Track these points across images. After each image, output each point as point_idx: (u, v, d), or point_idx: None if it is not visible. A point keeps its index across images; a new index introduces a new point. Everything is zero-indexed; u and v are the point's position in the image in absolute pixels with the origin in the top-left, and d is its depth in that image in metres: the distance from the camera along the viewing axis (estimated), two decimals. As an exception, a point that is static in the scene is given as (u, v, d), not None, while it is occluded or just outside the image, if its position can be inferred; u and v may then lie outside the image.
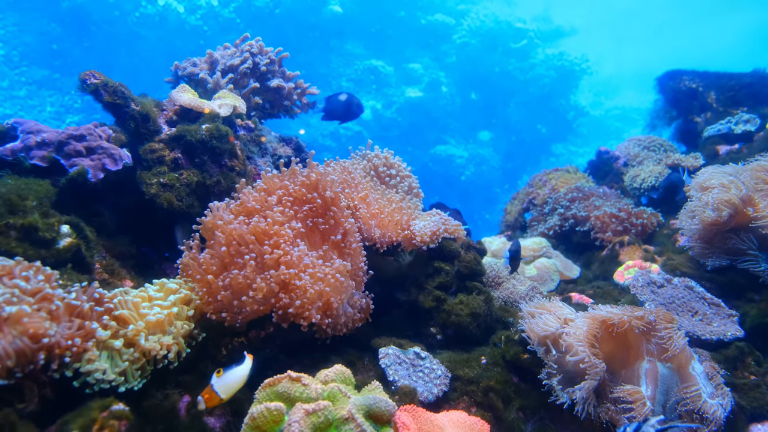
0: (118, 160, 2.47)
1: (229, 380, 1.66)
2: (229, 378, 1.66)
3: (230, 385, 1.66)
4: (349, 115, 3.15)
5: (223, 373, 1.66)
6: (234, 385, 1.67)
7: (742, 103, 4.38)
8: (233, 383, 1.67)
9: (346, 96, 3.07)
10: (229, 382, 1.66)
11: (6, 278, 1.60)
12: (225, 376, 1.65)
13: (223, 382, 1.65)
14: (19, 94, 13.29)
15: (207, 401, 1.63)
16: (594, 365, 1.87)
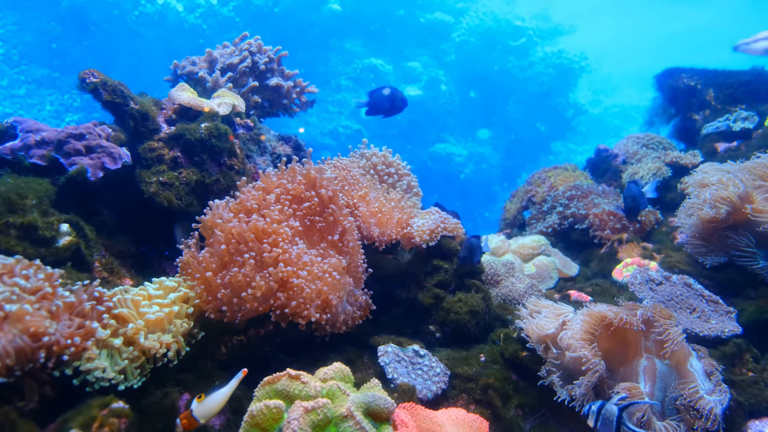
0: (117, 159, 2.47)
1: (209, 405, 1.61)
2: (209, 403, 1.61)
3: (210, 410, 1.62)
4: (393, 110, 3.09)
5: (204, 399, 1.61)
6: (213, 409, 1.63)
7: (741, 101, 4.38)
8: (213, 407, 1.62)
9: (389, 90, 3.02)
10: (208, 407, 1.61)
11: (6, 277, 1.60)
12: (205, 402, 1.61)
13: (202, 408, 1.61)
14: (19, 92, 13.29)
15: (185, 425, 1.59)
16: (593, 363, 1.88)
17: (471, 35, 16.47)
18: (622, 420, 1.72)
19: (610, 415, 1.73)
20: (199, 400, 1.60)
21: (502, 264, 3.21)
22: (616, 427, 1.71)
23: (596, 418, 1.76)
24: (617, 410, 1.73)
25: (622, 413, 1.72)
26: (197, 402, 1.60)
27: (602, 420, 1.75)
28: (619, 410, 1.73)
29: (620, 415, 1.72)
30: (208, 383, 1.92)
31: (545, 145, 17.67)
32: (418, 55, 16.47)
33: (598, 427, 1.76)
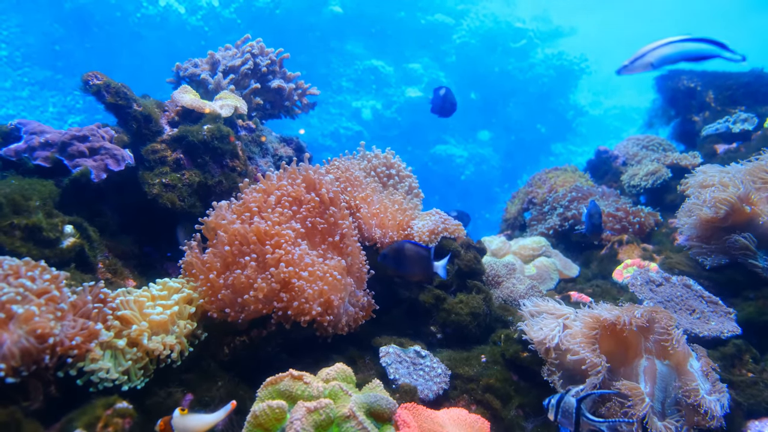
0: (120, 161, 2.49)
1: (188, 423, 1.60)
2: (189, 421, 1.60)
3: (186, 428, 1.60)
4: (443, 111, 3.06)
5: (187, 414, 1.60)
6: (189, 429, 1.61)
7: (740, 103, 4.39)
8: (190, 427, 1.61)
9: (444, 90, 2.99)
10: (186, 424, 1.60)
11: (12, 278, 1.62)
12: (186, 418, 1.60)
13: (182, 422, 1.59)
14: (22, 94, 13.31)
15: (161, 428, 1.59)
16: (595, 364, 1.89)
17: (471, 37, 16.48)
18: (581, 411, 1.75)
19: (569, 407, 1.76)
20: (183, 413, 1.60)
21: (503, 265, 3.22)
22: (576, 419, 1.74)
23: (555, 411, 1.78)
24: (575, 402, 1.75)
25: (580, 404, 1.75)
26: (180, 413, 1.59)
27: (562, 412, 1.77)
28: (577, 401, 1.75)
29: (578, 407, 1.74)
30: (211, 383, 1.94)
31: (545, 146, 17.67)
32: (419, 56, 16.49)
33: (558, 419, 1.79)
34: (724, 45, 1.53)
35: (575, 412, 1.74)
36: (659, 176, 4.08)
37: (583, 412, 1.75)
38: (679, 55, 1.52)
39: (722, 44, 1.53)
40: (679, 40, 1.48)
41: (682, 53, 1.51)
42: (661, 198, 4.11)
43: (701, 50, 1.51)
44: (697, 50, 1.50)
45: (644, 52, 1.50)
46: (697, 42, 1.50)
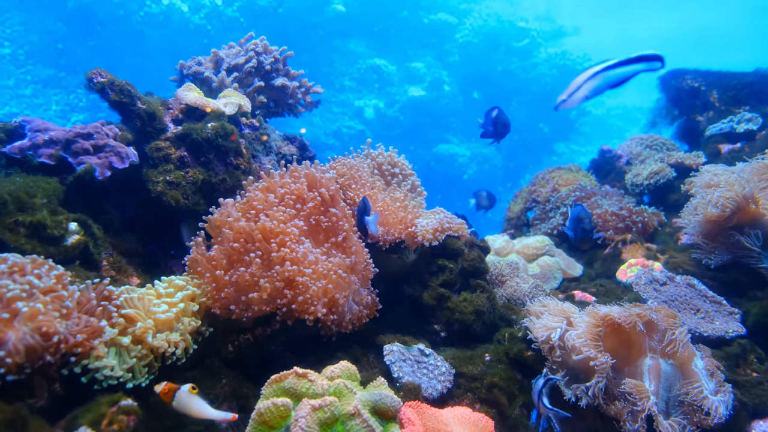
0: (124, 158, 2.49)
1: (190, 403, 1.62)
2: (192, 402, 1.62)
3: (185, 406, 1.62)
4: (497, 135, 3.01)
5: (195, 394, 1.62)
6: (187, 409, 1.63)
7: (745, 102, 4.38)
8: (189, 407, 1.62)
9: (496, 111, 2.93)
10: (188, 403, 1.62)
11: (18, 275, 1.62)
12: (191, 398, 1.61)
13: (185, 399, 1.61)
14: (25, 92, 13.34)
15: (163, 391, 1.63)
16: (602, 363, 1.89)
17: (474, 36, 16.48)
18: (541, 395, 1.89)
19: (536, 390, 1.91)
20: (192, 391, 1.62)
21: (507, 264, 3.22)
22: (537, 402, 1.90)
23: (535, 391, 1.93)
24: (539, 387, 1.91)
25: (541, 390, 1.89)
26: (189, 390, 1.62)
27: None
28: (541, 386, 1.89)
29: (540, 390, 1.88)
30: (216, 381, 1.94)
31: (548, 146, 17.66)
32: (422, 55, 16.49)
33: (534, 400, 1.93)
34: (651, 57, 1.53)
35: (537, 396, 1.87)
36: (663, 176, 4.07)
37: (541, 397, 1.86)
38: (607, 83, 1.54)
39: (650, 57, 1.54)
40: (605, 68, 1.50)
41: (609, 81, 1.53)
42: (665, 197, 4.10)
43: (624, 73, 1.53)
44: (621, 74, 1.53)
45: (576, 86, 1.52)
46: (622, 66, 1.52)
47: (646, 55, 1.51)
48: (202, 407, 1.63)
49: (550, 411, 1.85)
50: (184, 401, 1.62)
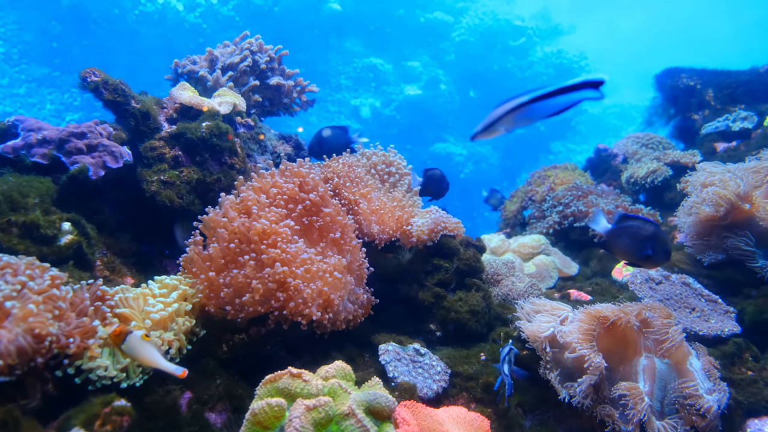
0: (118, 158, 2.48)
1: (140, 350, 1.60)
2: (144, 349, 1.60)
3: (136, 352, 1.60)
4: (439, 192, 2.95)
5: (147, 342, 1.61)
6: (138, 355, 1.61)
7: (740, 101, 4.39)
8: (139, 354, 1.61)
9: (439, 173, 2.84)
10: (138, 350, 1.60)
11: (9, 275, 1.61)
12: (144, 345, 1.60)
13: (136, 344, 1.60)
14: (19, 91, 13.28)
15: (114, 332, 1.62)
16: (593, 362, 1.89)
17: (471, 35, 16.48)
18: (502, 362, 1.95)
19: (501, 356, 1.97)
20: (146, 338, 1.61)
21: (503, 263, 3.22)
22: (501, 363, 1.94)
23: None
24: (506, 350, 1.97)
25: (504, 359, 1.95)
26: (141, 336, 1.61)
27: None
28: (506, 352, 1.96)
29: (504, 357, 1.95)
30: (210, 381, 1.93)
31: (545, 144, 17.69)
32: (418, 54, 16.48)
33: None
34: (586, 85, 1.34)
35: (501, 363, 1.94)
36: (659, 174, 4.08)
37: (503, 364, 1.93)
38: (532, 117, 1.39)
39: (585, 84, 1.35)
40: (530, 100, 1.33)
41: (533, 115, 1.38)
42: (661, 196, 4.10)
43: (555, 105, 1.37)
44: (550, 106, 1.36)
45: (494, 118, 1.37)
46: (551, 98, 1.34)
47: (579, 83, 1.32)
48: (153, 355, 1.61)
49: (506, 377, 1.91)
50: (135, 346, 1.60)
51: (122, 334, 1.61)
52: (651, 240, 2.13)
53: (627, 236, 2.17)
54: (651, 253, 2.13)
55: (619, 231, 2.20)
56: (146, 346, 1.61)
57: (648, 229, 2.15)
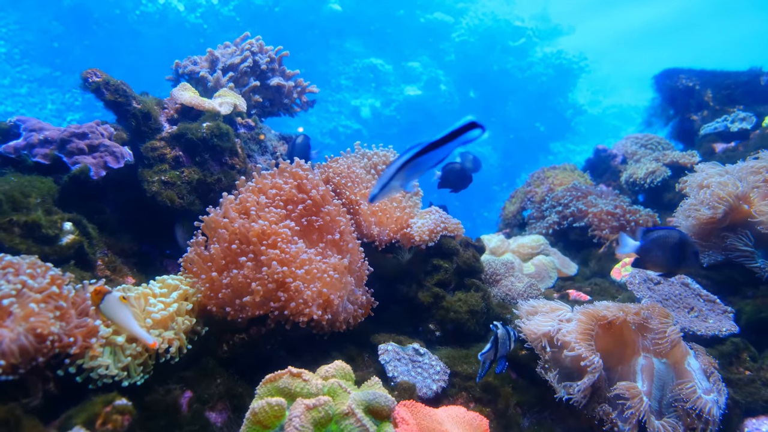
0: (119, 158, 2.49)
1: (116, 313, 1.65)
2: (119, 313, 1.65)
3: (112, 313, 1.65)
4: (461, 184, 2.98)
5: (125, 304, 1.66)
6: (113, 316, 1.66)
7: (739, 102, 4.40)
8: (114, 315, 1.65)
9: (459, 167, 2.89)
10: (115, 313, 1.65)
11: (11, 275, 1.62)
12: (121, 307, 1.65)
13: (113, 307, 1.64)
14: (21, 91, 13.30)
15: (95, 291, 1.67)
16: (591, 361, 1.90)
17: (470, 35, 16.49)
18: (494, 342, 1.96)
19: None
20: (123, 300, 1.67)
21: (502, 263, 3.23)
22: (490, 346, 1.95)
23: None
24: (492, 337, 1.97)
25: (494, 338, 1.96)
26: (119, 298, 1.66)
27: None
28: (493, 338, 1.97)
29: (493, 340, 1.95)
30: (210, 381, 1.94)
31: (544, 145, 17.69)
32: (418, 55, 16.49)
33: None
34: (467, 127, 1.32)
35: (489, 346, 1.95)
36: (658, 175, 4.09)
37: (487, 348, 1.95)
38: (418, 171, 1.43)
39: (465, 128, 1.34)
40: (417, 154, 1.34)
41: (422, 168, 1.42)
42: (660, 196, 4.11)
43: (439, 154, 1.40)
44: (436, 156, 1.40)
45: (388, 177, 1.40)
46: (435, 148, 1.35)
47: (461, 127, 1.36)
48: (126, 319, 1.65)
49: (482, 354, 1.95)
50: (111, 306, 1.64)
51: (101, 293, 1.65)
52: (680, 246, 2.19)
53: (657, 249, 2.22)
54: (683, 260, 2.19)
55: (649, 246, 2.25)
56: (122, 309, 1.65)
57: (674, 236, 2.21)
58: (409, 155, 1.38)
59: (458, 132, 1.36)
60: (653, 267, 2.31)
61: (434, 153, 1.39)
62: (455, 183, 2.92)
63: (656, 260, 2.24)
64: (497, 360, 1.97)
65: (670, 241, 2.20)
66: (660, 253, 2.22)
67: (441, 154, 1.39)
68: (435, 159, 1.40)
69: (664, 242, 2.21)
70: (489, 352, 1.94)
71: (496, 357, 1.96)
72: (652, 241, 2.23)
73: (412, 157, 1.38)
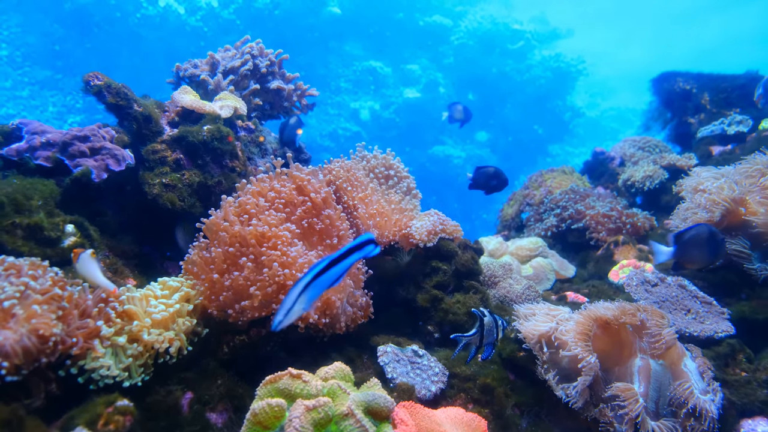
0: (121, 161, 2.51)
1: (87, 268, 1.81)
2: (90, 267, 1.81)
3: (84, 271, 1.81)
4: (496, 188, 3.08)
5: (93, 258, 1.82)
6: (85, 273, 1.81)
7: (735, 105, 4.43)
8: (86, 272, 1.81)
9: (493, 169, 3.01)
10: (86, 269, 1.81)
11: (14, 276, 1.63)
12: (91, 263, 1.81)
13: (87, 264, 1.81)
14: (22, 94, 13.31)
15: (74, 252, 1.83)
16: (587, 361, 1.92)
17: (469, 38, 16.52)
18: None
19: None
20: (93, 255, 1.84)
21: (500, 265, 3.24)
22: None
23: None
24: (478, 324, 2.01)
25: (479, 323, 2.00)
26: (90, 253, 1.83)
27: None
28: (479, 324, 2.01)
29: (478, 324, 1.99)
30: (211, 382, 1.95)
31: (543, 147, 17.72)
32: (417, 57, 16.51)
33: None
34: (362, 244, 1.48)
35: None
36: (656, 177, 4.11)
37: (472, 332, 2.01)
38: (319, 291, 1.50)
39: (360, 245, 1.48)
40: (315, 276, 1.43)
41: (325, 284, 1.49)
42: (658, 199, 4.14)
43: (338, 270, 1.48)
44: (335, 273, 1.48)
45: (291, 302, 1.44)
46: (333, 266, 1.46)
47: (355, 245, 1.47)
48: (93, 271, 1.82)
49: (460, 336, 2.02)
50: (83, 262, 1.80)
51: (77, 255, 1.81)
52: (712, 239, 2.34)
53: (694, 248, 2.36)
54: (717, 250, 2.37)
55: (684, 248, 2.38)
56: (91, 264, 1.81)
57: (704, 232, 2.34)
58: (309, 277, 1.45)
59: (355, 248, 1.48)
60: (692, 265, 2.49)
61: (333, 270, 1.48)
62: (487, 185, 3.01)
63: (695, 258, 2.39)
64: (483, 346, 1.99)
65: (703, 237, 2.33)
66: (697, 251, 2.36)
67: (340, 270, 1.49)
68: (335, 276, 1.50)
69: (697, 240, 2.34)
70: (474, 336, 1.96)
71: (482, 343, 1.98)
72: (687, 243, 2.35)
73: (313, 278, 1.46)
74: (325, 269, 1.46)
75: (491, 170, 2.99)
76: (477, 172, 3.01)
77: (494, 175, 2.98)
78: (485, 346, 2.00)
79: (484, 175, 2.98)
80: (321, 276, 1.47)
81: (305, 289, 1.46)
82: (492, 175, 2.98)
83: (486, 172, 2.98)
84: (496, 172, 2.98)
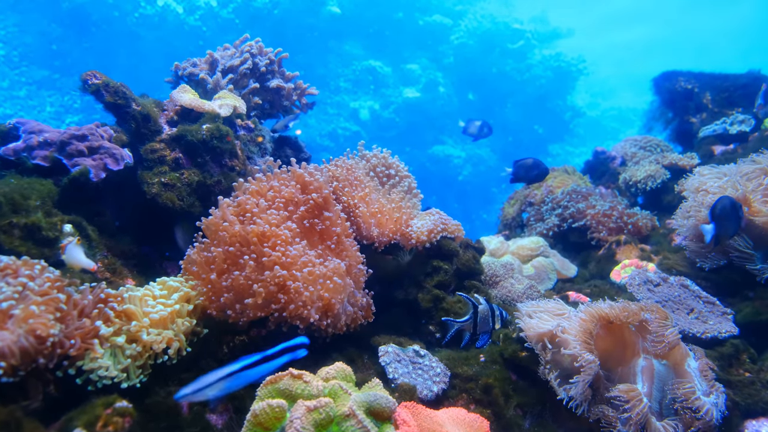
0: (119, 160, 2.49)
1: (73, 254, 1.97)
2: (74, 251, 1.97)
3: (70, 255, 1.97)
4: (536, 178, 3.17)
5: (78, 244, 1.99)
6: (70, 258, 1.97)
7: (737, 104, 4.42)
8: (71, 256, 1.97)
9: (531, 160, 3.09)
10: (72, 255, 1.97)
11: (11, 277, 1.62)
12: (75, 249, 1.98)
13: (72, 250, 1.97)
14: (19, 94, 13.29)
15: (62, 247, 1.99)
16: (586, 360, 1.90)
17: (469, 38, 16.51)
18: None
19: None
20: (78, 242, 2.02)
21: (501, 265, 3.23)
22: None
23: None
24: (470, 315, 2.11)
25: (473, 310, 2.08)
26: (76, 241, 2.01)
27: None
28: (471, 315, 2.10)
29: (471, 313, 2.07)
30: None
31: (543, 147, 17.71)
32: (417, 57, 16.51)
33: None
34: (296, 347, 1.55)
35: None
36: (657, 177, 4.10)
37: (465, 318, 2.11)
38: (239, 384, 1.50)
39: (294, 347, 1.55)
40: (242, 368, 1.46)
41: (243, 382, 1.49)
42: (659, 198, 4.12)
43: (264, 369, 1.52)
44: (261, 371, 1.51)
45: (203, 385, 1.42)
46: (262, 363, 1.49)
47: (289, 346, 1.53)
48: (77, 255, 1.99)
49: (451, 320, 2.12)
50: (70, 251, 1.98)
51: (63, 247, 1.96)
52: (734, 208, 2.57)
53: (726, 219, 2.58)
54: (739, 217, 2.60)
55: (720, 222, 2.59)
56: (75, 250, 1.97)
57: (726, 203, 2.57)
58: (236, 367, 1.46)
59: (287, 350, 1.55)
60: (725, 237, 2.69)
61: (260, 368, 1.51)
62: (527, 176, 3.07)
63: (728, 229, 2.60)
64: (478, 334, 1.98)
65: (728, 208, 2.56)
66: (728, 222, 2.57)
67: (267, 369, 1.53)
68: (261, 373, 1.53)
69: (724, 212, 2.56)
70: (467, 323, 1.95)
71: (476, 330, 1.97)
72: (720, 216, 2.57)
73: (239, 369, 1.47)
74: (253, 364, 1.48)
75: (530, 162, 3.08)
76: (516, 166, 3.11)
77: (534, 165, 3.09)
78: (480, 335, 1.98)
79: (523, 167, 3.08)
80: (247, 370, 1.49)
81: (227, 377, 1.46)
82: (531, 166, 3.08)
83: (525, 164, 3.08)
84: (535, 162, 3.07)
